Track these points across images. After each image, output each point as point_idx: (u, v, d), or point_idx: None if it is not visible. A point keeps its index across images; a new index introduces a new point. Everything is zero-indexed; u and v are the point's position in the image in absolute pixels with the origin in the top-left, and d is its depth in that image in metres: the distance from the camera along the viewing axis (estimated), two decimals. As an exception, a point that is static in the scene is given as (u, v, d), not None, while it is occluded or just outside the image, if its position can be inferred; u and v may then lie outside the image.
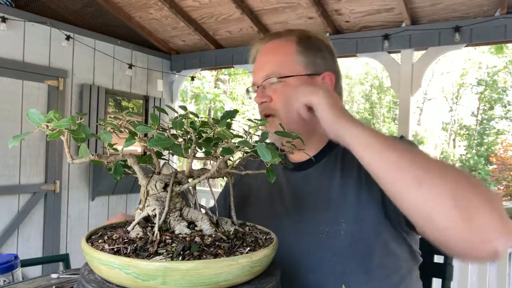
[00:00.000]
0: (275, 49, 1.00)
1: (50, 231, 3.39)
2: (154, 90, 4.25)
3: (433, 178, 0.63)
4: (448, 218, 0.60)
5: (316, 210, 0.93)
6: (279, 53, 0.99)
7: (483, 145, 18.04)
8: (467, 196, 0.61)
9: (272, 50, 1.01)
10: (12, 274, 1.09)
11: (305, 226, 0.93)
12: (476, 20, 2.82)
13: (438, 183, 0.62)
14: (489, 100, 18.51)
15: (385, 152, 0.68)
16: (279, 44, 1.00)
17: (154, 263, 0.51)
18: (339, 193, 0.92)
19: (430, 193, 0.62)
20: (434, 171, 0.64)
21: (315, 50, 0.99)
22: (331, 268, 0.89)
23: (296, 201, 0.98)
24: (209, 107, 9.07)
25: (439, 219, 0.61)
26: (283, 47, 0.99)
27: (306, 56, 0.97)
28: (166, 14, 3.52)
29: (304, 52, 0.98)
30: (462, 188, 0.62)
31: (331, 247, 0.89)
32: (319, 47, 1.00)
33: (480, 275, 2.69)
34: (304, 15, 3.21)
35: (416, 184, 0.63)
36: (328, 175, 0.95)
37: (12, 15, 3.08)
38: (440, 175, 0.64)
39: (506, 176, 13.64)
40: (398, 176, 0.66)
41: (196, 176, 0.68)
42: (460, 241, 0.61)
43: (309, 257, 0.91)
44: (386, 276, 0.89)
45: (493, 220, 0.60)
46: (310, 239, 0.91)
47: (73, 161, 0.57)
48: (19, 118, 3.13)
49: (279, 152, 0.60)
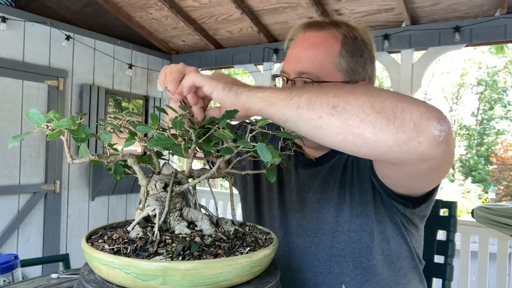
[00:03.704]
0: (318, 45, 0.91)
1: (50, 231, 3.39)
2: (154, 90, 4.25)
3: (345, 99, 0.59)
4: (375, 128, 0.57)
5: (319, 208, 0.93)
6: (320, 51, 0.90)
7: (483, 145, 18.04)
8: (384, 100, 0.58)
9: (314, 45, 0.91)
10: (12, 274, 1.09)
11: (307, 223, 0.93)
12: (476, 20, 2.82)
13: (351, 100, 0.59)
14: (489, 100, 18.51)
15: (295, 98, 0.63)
16: (323, 40, 0.91)
17: (154, 263, 0.51)
18: (343, 193, 0.92)
19: (347, 113, 0.58)
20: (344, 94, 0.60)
21: (357, 56, 0.93)
22: (328, 268, 0.90)
23: (301, 197, 0.97)
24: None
25: (367, 134, 0.57)
26: (327, 45, 0.91)
27: (347, 61, 0.91)
28: (166, 14, 3.52)
29: (346, 55, 0.91)
30: (377, 95, 0.59)
31: (329, 246, 0.90)
32: (362, 53, 0.94)
33: (480, 275, 2.69)
34: (304, 15, 3.21)
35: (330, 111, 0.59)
36: (335, 174, 0.95)
37: (12, 15, 3.08)
38: (348, 92, 0.61)
39: (506, 176, 13.64)
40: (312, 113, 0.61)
41: (196, 176, 0.68)
42: (398, 145, 0.57)
43: (309, 255, 0.92)
44: (384, 277, 0.89)
45: (418, 110, 0.57)
46: (311, 237, 0.92)
47: (73, 161, 0.57)
48: (19, 118, 3.13)
49: (296, 149, 0.59)
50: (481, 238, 2.75)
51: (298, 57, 0.92)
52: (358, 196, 0.90)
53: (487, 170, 16.10)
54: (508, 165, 13.68)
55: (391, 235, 0.90)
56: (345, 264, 0.89)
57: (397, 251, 0.91)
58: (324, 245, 0.90)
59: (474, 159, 17.62)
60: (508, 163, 13.71)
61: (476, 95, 19.12)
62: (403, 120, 0.57)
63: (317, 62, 0.90)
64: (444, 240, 1.23)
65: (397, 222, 0.90)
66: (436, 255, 1.24)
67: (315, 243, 0.91)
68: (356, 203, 0.90)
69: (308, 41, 0.92)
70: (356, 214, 0.89)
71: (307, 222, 0.94)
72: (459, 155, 19.13)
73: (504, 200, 12.69)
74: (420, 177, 0.73)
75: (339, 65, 0.90)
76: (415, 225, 0.93)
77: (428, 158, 0.59)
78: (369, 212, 0.89)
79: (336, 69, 0.90)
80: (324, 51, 0.90)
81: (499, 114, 18.22)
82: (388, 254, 0.90)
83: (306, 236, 0.92)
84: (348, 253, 0.89)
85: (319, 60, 0.90)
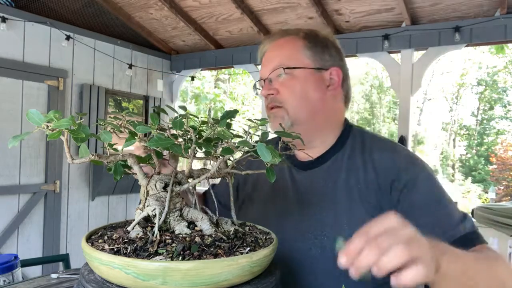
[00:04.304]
0: (282, 44, 1.01)
1: (50, 231, 3.39)
2: (154, 90, 4.25)
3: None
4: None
5: (319, 211, 0.93)
6: (286, 48, 1.00)
7: (483, 145, 18.03)
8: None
9: (279, 46, 1.01)
10: (12, 274, 1.10)
11: (307, 226, 0.93)
12: (476, 20, 2.82)
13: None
14: (489, 100, 18.51)
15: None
16: (286, 40, 1.01)
17: (154, 263, 0.51)
18: (342, 195, 0.92)
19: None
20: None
21: (322, 47, 1.00)
22: (330, 270, 0.89)
23: (299, 200, 0.97)
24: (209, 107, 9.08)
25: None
26: (290, 42, 1.00)
27: (313, 51, 0.98)
28: (166, 14, 3.52)
29: (311, 47, 0.99)
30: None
31: (331, 249, 0.88)
32: (326, 44, 1.01)
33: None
34: (304, 15, 3.21)
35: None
36: (333, 176, 0.95)
37: (12, 15, 3.08)
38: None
39: (506, 176, 13.63)
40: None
41: (196, 176, 0.68)
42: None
43: (310, 258, 0.91)
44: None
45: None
46: (311, 239, 0.91)
47: (73, 161, 0.57)
48: (19, 118, 3.13)
49: (284, 151, 0.59)
50: (481, 238, 2.75)
51: (269, 59, 1.01)
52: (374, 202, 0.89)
53: (487, 170, 16.10)
54: (508, 165, 13.67)
55: None
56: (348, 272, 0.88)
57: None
58: (325, 247, 0.90)
59: (474, 159, 17.62)
60: (508, 163, 13.71)
61: (476, 95, 19.12)
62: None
63: (285, 55, 0.98)
64: (444, 240, 1.23)
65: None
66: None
67: (315, 245, 0.91)
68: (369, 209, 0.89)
69: (274, 46, 1.02)
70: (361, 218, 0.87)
71: (306, 225, 0.93)
72: (459, 155, 19.13)
73: (504, 200, 12.68)
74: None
75: (306, 56, 0.98)
76: None
77: None
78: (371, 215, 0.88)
79: (303, 56, 0.98)
80: (290, 47, 1.00)
81: (499, 114, 18.22)
82: None
83: (306, 239, 0.92)
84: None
85: (286, 54, 0.99)
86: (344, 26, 3.33)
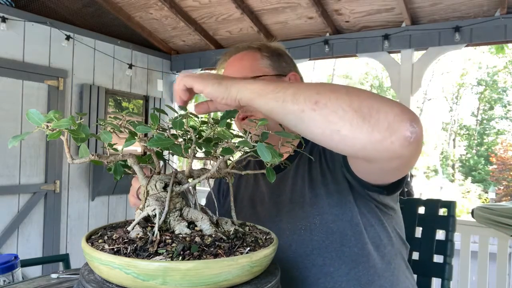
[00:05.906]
0: (241, 58, 1.08)
1: (50, 231, 3.39)
2: (154, 90, 4.25)
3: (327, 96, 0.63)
4: (352, 126, 0.60)
5: (293, 208, 0.98)
6: (246, 59, 1.07)
7: (483, 145, 18.05)
8: (362, 100, 0.62)
9: (238, 59, 1.08)
10: (12, 274, 1.10)
11: (284, 224, 0.97)
12: (476, 20, 2.82)
13: (332, 98, 0.63)
14: (489, 100, 18.52)
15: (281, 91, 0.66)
16: (243, 54, 1.08)
17: (154, 263, 0.51)
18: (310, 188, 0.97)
19: (327, 109, 0.62)
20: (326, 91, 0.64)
21: (277, 55, 1.08)
22: (312, 261, 0.92)
23: (274, 201, 1.02)
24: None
25: (344, 131, 0.61)
26: (248, 55, 1.07)
27: (271, 60, 1.06)
28: (166, 14, 3.52)
29: (268, 56, 1.06)
30: (356, 95, 0.63)
31: (309, 240, 0.93)
32: (279, 53, 1.09)
33: (480, 275, 2.69)
34: (304, 15, 3.21)
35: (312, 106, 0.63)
36: (301, 174, 1.01)
37: (12, 15, 3.08)
38: (331, 90, 0.64)
39: (506, 176, 13.65)
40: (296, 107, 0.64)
41: (196, 176, 0.68)
42: (372, 144, 0.61)
43: (292, 253, 0.94)
44: (370, 264, 0.91)
45: (392, 111, 0.60)
46: (289, 236, 0.95)
47: (73, 161, 0.57)
48: (19, 118, 3.13)
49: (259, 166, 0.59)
50: (481, 238, 2.75)
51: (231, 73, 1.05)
52: (333, 186, 0.94)
53: (487, 170, 16.11)
54: (508, 165, 13.68)
55: (370, 222, 0.93)
56: (327, 255, 0.91)
57: (377, 238, 0.94)
58: (303, 240, 0.93)
59: (474, 159, 17.64)
60: (508, 163, 13.72)
61: (476, 95, 19.13)
62: (378, 120, 0.60)
63: (246, 67, 1.05)
64: (443, 239, 1.23)
65: (373, 208, 0.94)
66: (435, 254, 1.24)
67: (294, 240, 0.94)
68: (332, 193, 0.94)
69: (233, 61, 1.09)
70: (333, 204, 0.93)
71: (284, 223, 0.97)
72: (459, 155, 19.14)
73: (504, 200, 12.69)
74: (390, 172, 0.79)
75: (265, 65, 1.05)
76: (392, 208, 0.98)
77: (398, 157, 0.63)
78: (346, 200, 0.92)
79: (263, 66, 1.05)
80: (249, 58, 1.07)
81: (499, 114, 18.23)
82: (369, 241, 0.93)
83: (285, 236, 0.95)
84: (329, 244, 0.91)
85: (247, 66, 1.05)
86: (344, 26, 3.33)
